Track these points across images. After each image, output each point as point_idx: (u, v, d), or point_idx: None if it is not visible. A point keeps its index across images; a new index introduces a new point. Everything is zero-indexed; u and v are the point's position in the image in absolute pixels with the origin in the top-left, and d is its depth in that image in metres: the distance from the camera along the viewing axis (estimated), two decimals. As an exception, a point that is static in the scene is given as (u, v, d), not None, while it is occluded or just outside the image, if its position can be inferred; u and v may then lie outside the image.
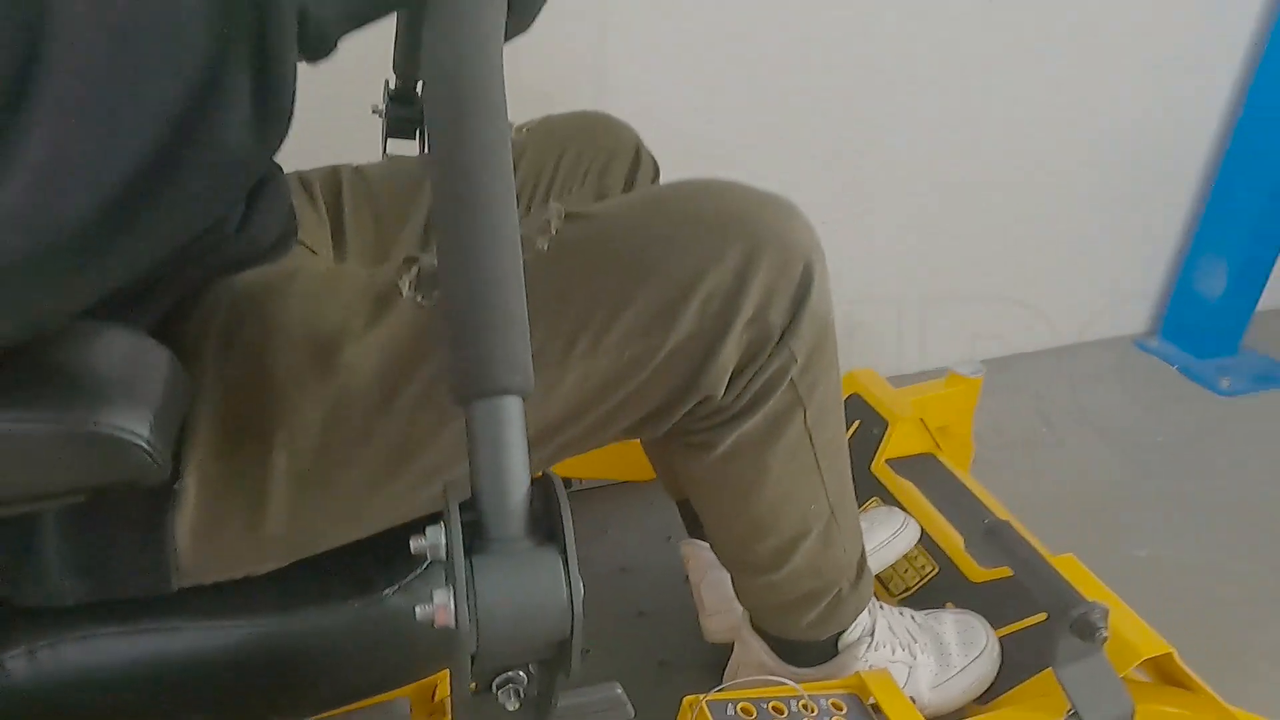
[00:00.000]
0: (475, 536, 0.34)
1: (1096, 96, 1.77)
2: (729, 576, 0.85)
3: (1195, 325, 2.06)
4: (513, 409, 0.35)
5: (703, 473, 0.63)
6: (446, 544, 0.34)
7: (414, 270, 0.52)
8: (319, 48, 0.39)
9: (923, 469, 1.08)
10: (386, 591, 0.56)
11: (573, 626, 0.34)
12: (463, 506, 0.36)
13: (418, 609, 0.33)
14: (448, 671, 0.70)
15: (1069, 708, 0.73)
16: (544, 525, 0.35)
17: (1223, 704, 0.79)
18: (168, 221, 0.37)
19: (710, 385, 0.55)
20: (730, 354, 0.54)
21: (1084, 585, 0.81)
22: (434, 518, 0.58)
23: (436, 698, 0.71)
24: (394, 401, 0.50)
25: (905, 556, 0.98)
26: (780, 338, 0.55)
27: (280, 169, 0.62)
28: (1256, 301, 2.03)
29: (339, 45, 0.41)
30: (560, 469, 0.93)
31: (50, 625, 0.52)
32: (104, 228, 0.35)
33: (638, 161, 0.86)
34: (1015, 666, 0.86)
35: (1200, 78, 1.86)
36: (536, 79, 1.13)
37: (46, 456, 0.37)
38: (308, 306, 0.51)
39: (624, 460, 1.16)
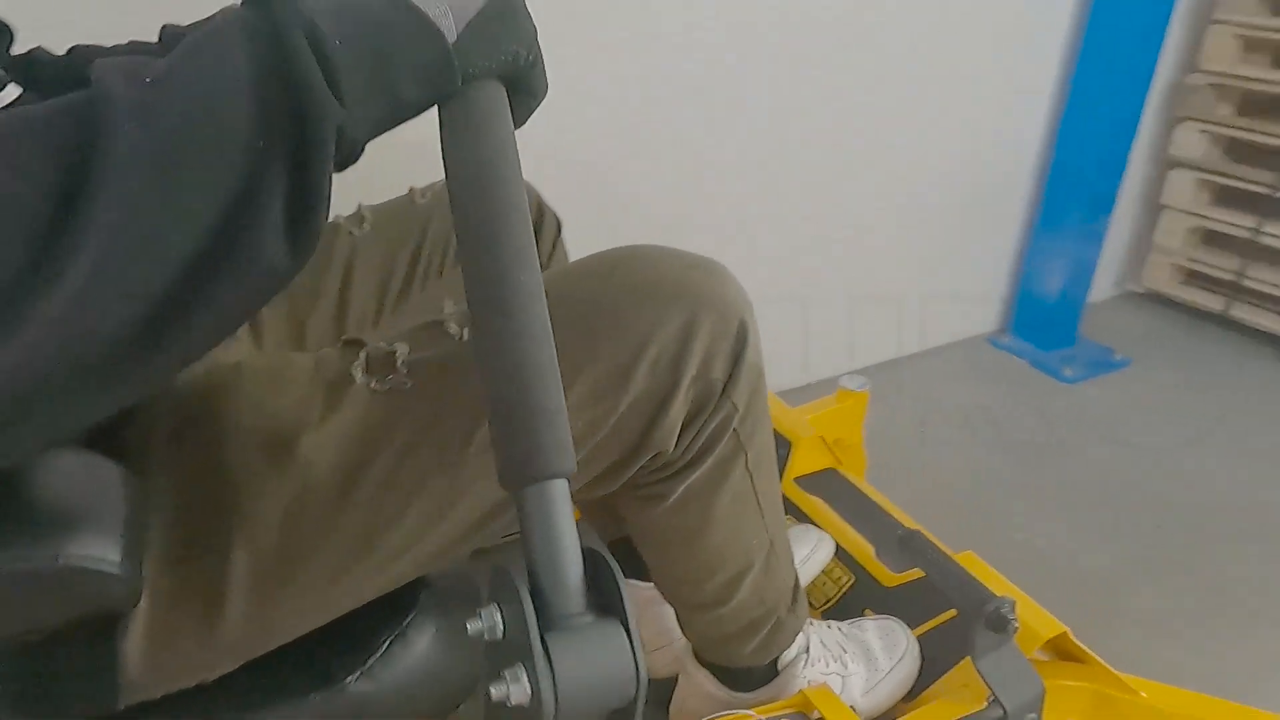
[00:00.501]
0: (538, 614, 0.35)
1: (938, 125, 1.93)
2: (667, 611, 0.87)
3: (1038, 321, 2.27)
4: (561, 491, 0.37)
5: (653, 522, 0.65)
6: (503, 624, 0.35)
7: (363, 355, 0.52)
8: (349, 160, 0.40)
9: (828, 484, 1.15)
10: (348, 680, 0.55)
11: (638, 692, 0.36)
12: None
13: (492, 689, 0.34)
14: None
15: (989, 694, 0.80)
16: (596, 597, 0.37)
17: (1112, 671, 0.88)
18: (198, 336, 0.37)
19: (661, 441, 0.58)
20: (679, 410, 0.57)
21: (987, 580, 0.88)
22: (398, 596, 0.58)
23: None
24: (356, 489, 0.49)
25: (823, 570, 1.04)
26: (723, 391, 0.59)
27: None
28: (1086, 295, 2.26)
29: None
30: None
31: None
32: (138, 343, 0.35)
33: (541, 217, 0.88)
34: (934, 661, 0.92)
35: (1021, 104, 2.07)
36: (423, 137, 1.13)
37: (12, 597, 0.35)
38: (260, 400, 0.50)
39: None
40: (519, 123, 0.47)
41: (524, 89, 0.45)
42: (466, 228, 0.39)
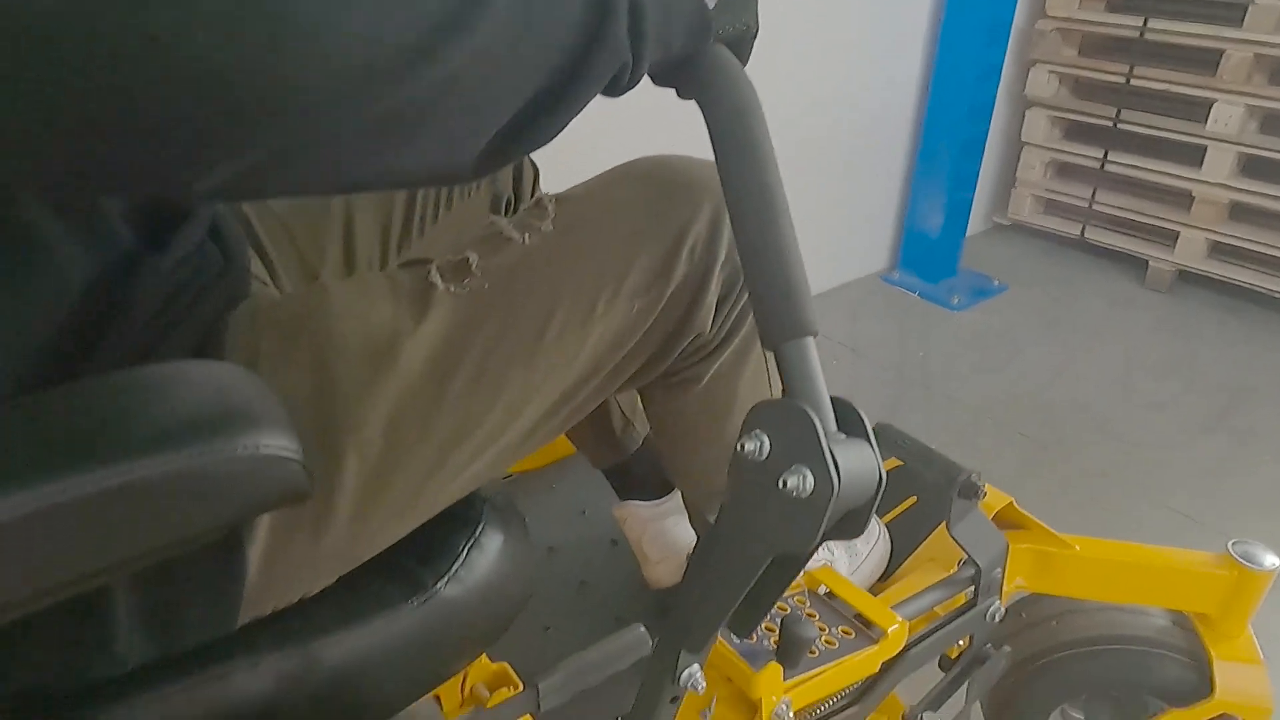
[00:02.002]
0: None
1: (821, 82, 2.06)
2: (668, 526, 0.94)
3: (924, 256, 2.46)
4: (812, 346, 0.46)
5: (685, 409, 0.71)
6: (771, 441, 0.45)
7: (433, 268, 0.55)
8: (622, 91, 0.45)
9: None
10: (438, 585, 0.59)
11: (878, 489, 0.46)
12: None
13: (789, 479, 0.43)
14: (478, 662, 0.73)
15: (961, 558, 0.91)
16: (843, 425, 0.47)
17: (1051, 531, 1.02)
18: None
19: (701, 322, 0.64)
20: (714, 292, 0.64)
21: (944, 462, 0.99)
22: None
23: (467, 686, 0.73)
24: (449, 389, 0.53)
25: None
26: None
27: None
28: (964, 231, 2.47)
29: None
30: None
31: (105, 702, 0.49)
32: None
33: (521, 165, 0.92)
34: (901, 543, 1.03)
35: (896, 58, 2.23)
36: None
37: (217, 491, 0.37)
38: (357, 315, 0.52)
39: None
40: None
41: (741, 56, 0.52)
42: (736, 155, 0.47)
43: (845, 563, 0.97)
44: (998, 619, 0.92)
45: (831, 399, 0.47)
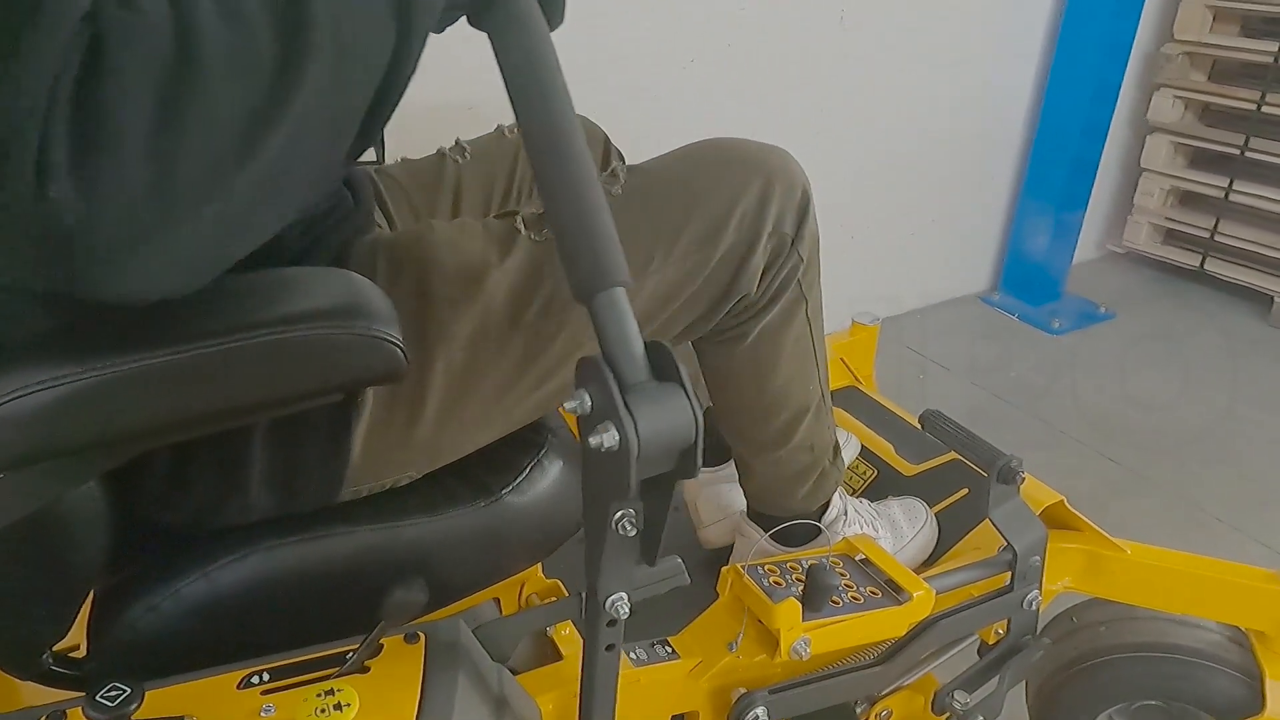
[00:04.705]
0: (617, 384, 0.45)
1: (930, 92, 2.07)
2: (722, 490, 1.02)
3: (1027, 279, 2.43)
4: (622, 296, 0.47)
5: (733, 362, 0.80)
6: (590, 401, 0.46)
7: (520, 218, 0.66)
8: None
9: (849, 398, 1.30)
10: (503, 491, 0.69)
11: (697, 433, 0.46)
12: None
13: (591, 439, 0.44)
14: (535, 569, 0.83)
15: (1001, 544, 0.95)
16: (657, 371, 0.47)
17: (1101, 533, 1.03)
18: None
19: (746, 284, 0.72)
20: (760, 258, 0.72)
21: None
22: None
23: (524, 594, 0.83)
24: (522, 317, 0.64)
25: (850, 466, 1.19)
26: (792, 243, 0.74)
27: None
28: (1072, 256, 2.42)
29: None
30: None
31: (229, 544, 0.62)
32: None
33: (609, 154, 1.02)
34: (950, 533, 1.07)
35: (1008, 74, 2.22)
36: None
37: (338, 358, 0.49)
38: (454, 248, 0.64)
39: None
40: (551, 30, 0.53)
41: (552, 13, 0.54)
42: (527, 108, 0.48)
43: (889, 543, 1.02)
44: (1035, 607, 0.95)
45: (647, 343, 0.47)
